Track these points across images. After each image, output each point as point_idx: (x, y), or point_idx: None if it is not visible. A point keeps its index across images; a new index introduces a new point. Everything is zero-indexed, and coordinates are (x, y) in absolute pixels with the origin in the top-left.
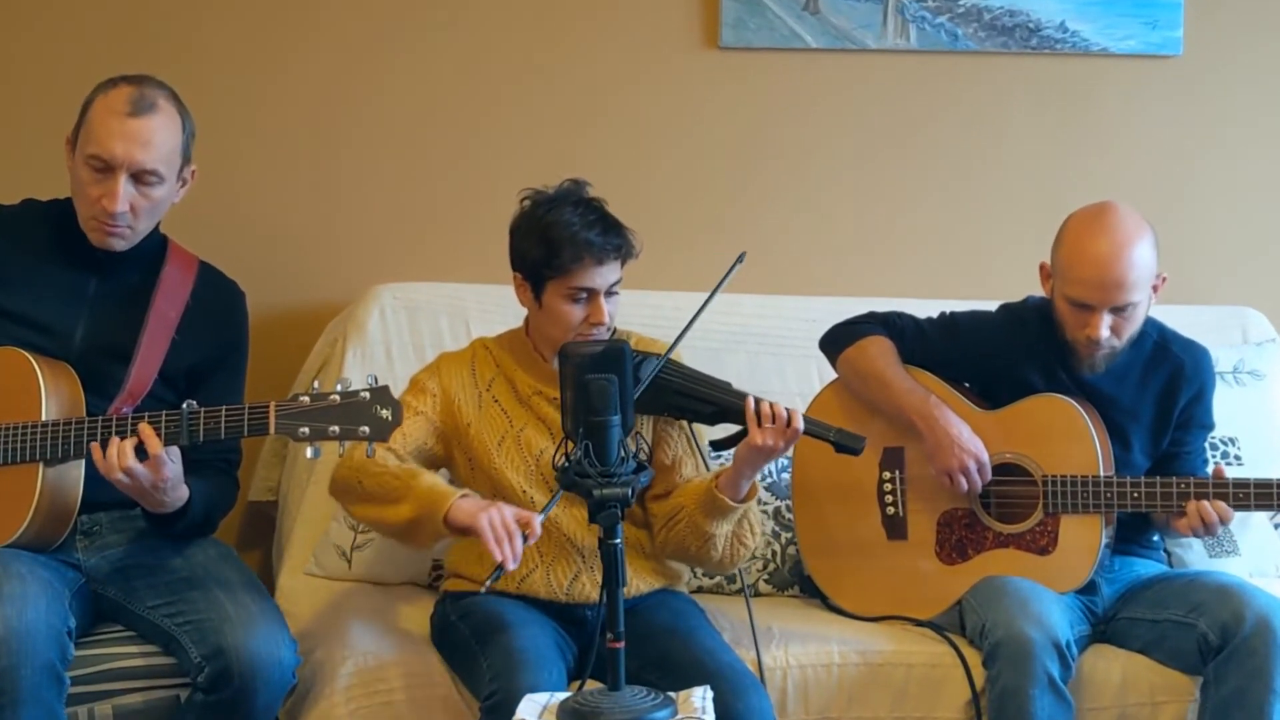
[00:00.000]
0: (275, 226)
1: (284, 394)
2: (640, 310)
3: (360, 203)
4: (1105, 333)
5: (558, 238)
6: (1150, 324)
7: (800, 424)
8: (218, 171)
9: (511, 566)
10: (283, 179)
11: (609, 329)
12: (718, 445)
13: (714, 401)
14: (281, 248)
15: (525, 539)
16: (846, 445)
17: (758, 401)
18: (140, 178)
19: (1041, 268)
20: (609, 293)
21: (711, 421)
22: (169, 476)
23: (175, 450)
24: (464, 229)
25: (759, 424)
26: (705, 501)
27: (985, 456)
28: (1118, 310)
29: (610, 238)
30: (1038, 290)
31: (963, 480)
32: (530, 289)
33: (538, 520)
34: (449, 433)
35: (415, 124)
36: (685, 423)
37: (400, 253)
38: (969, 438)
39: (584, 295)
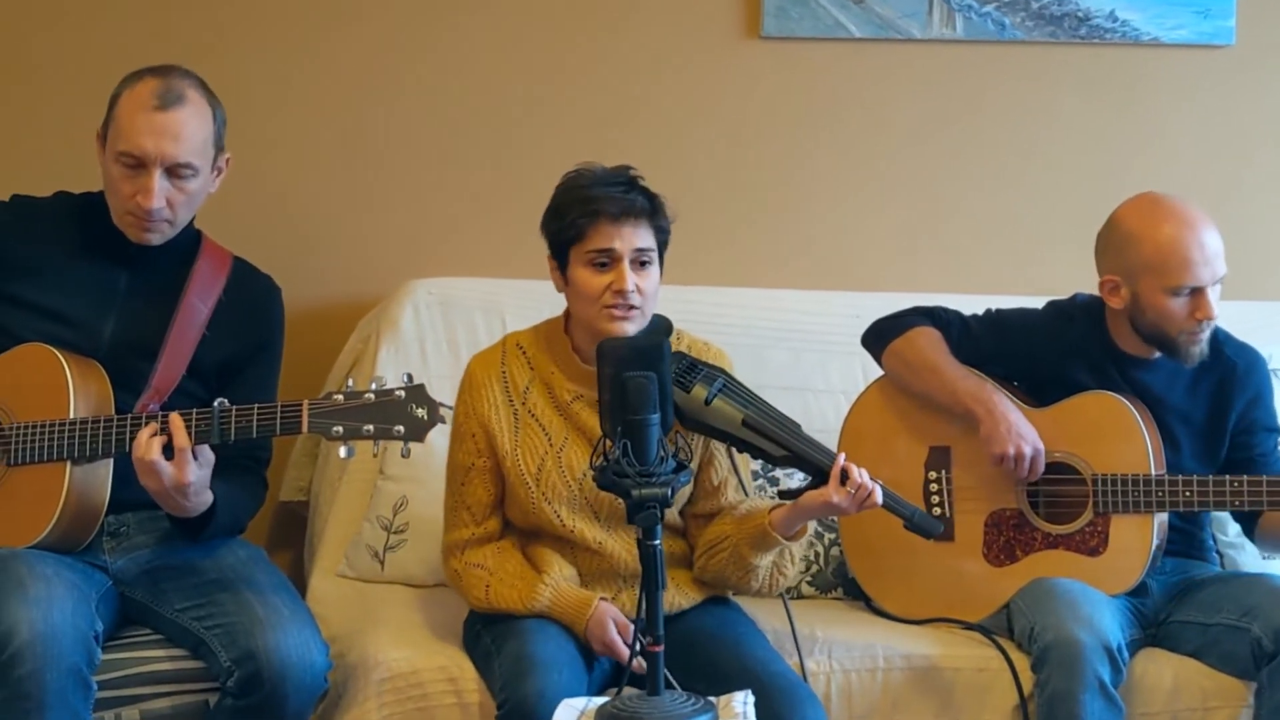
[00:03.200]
0: (307, 220)
1: (315, 391)
2: (677, 306)
3: (394, 195)
4: (1217, 308)
5: (571, 199)
6: None
7: (879, 499)
8: (249, 164)
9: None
10: (315, 171)
11: (640, 308)
12: (786, 495)
13: (796, 453)
14: (313, 242)
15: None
16: (922, 527)
17: (847, 467)
18: (174, 171)
19: (1105, 282)
20: (639, 262)
21: (778, 464)
22: (192, 480)
23: (207, 453)
24: (500, 222)
25: (839, 485)
26: (755, 536)
27: (1041, 445)
28: (1217, 282)
29: (627, 194)
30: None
31: (1022, 465)
32: (557, 267)
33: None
34: (497, 466)
35: (451, 115)
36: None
37: (435, 247)
38: (1027, 424)
39: (605, 261)
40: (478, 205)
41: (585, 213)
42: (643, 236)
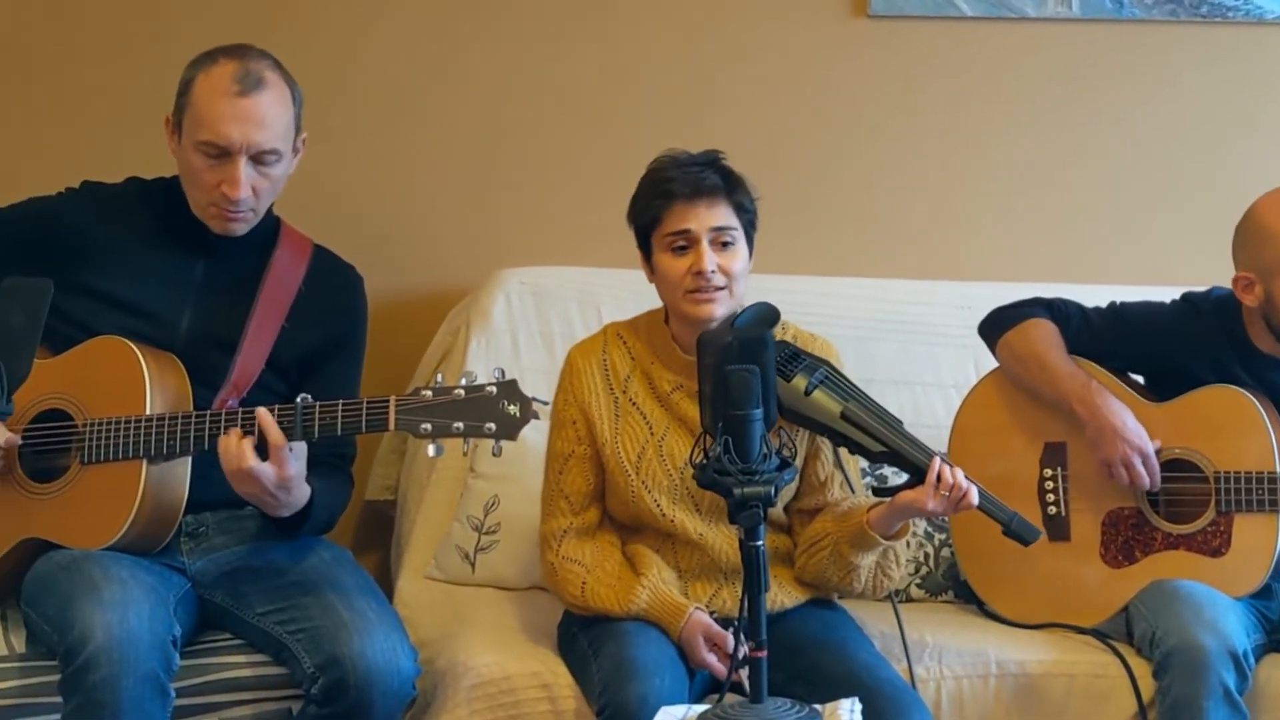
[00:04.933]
0: (391, 207)
1: (402, 386)
2: (780, 296)
3: (484, 181)
4: None
5: (645, 186)
6: None
7: (975, 500)
8: (331, 149)
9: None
10: (401, 155)
11: (726, 288)
12: (880, 493)
13: (893, 449)
14: (399, 229)
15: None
16: (1020, 534)
17: (940, 467)
18: (259, 159)
19: (1239, 279)
20: (720, 242)
21: (875, 461)
22: (292, 475)
23: (300, 444)
24: (595, 208)
25: (935, 488)
26: (854, 535)
27: (1150, 448)
28: None
29: (700, 173)
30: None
31: (1124, 473)
32: (645, 257)
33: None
34: (597, 455)
35: (542, 97)
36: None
37: (527, 234)
38: (1134, 427)
39: (683, 244)
40: (571, 191)
41: (659, 195)
42: (720, 215)
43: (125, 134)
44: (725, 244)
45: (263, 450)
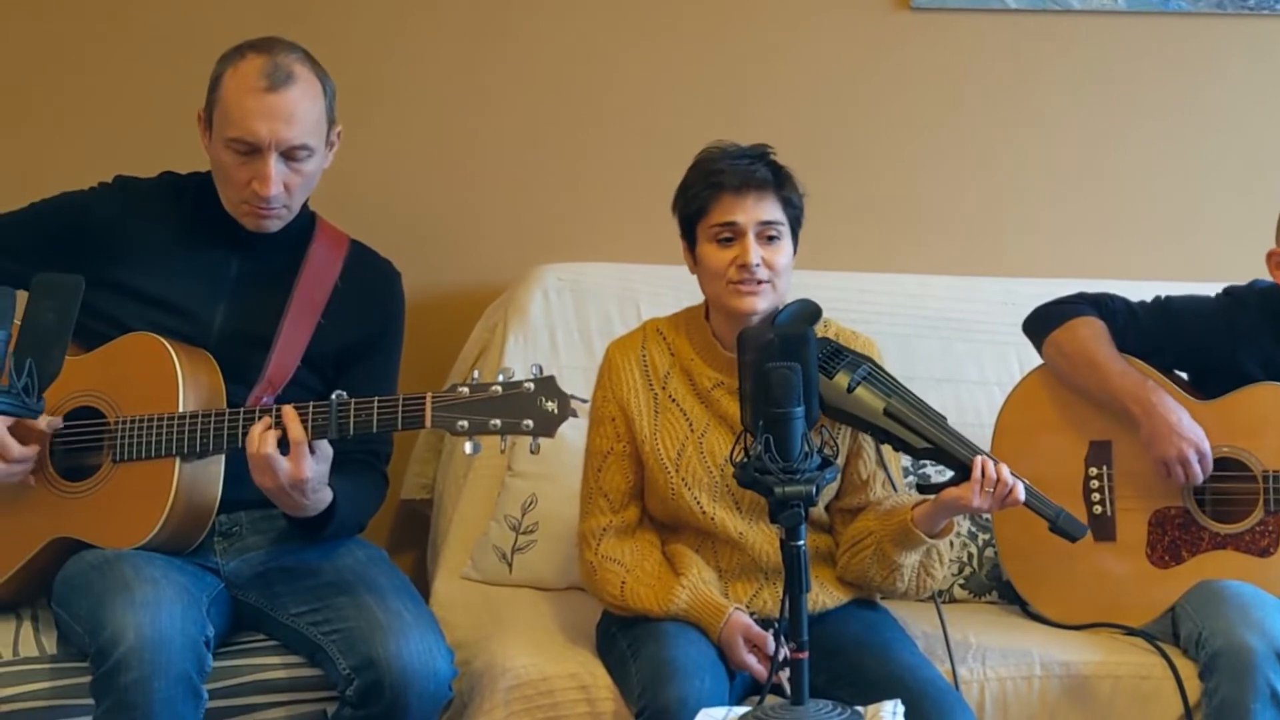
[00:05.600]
0: (428, 202)
1: (438, 383)
2: (821, 293)
3: (521, 175)
4: None
5: (695, 175)
6: None
7: (1021, 496)
8: (366, 144)
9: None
10: (437, 150)
11: (770, 282)
12: (925, 490)
13: (938, 445)
14: (435, 225)
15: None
16: (1066, 530)
17: (984, 463)
18: (290, 155)
19: (1272, 255)
20: (767, 236)
21: (919, 458)
22: (309, 476)
23: (325, 447)
24: (634, 203)
25: (981, 485)
26: (898, 532)
27: (1206, 445)
28: None
29: (750, 166)
30: (1253, 269)
31: (1181, 471)
32: (688, 248)
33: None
34: (636, 452)
35: (579, 89)
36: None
37: (565, 230)
38: (1189, 425)
39: (729, 236)
40: (609, 187)
41: (707, 185)
42: (768, 209)
43: (160, 129)
44: (771, 238)
45: (284, 446)
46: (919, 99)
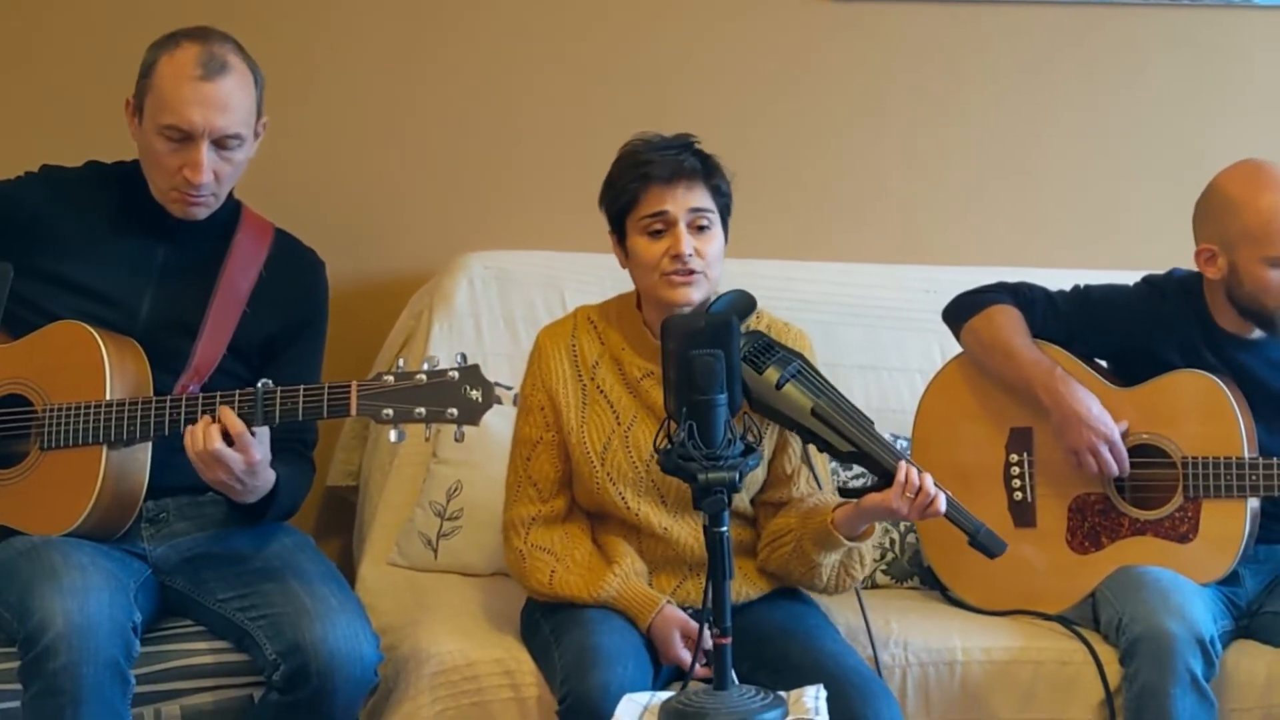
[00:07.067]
0: (354, 190)
1: (364, 371)
2: (746, 281)
3: (446, 164)
4: None
5: (622, 167)
6: None
7: (942, 507)
8: (292, 133)
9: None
10: (363, 139)
11: (702, 272)
12: (847, 494)
13: (862, 449)
14: (361, 213)
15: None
16: (986, 546)
17: (908, 471)
18: (221, 143)
19: (1201, 251)
20: (697, 225)
21: (844, 460)
22: (259, 459)
23: (263, 431)
24: (559, 192)
25: (901, 493)
26: (818, 533)
27: (1116, 434)
28: None
29: (678, 156)
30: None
31: (1092, 461)
32: (618, 241)
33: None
34: (564, 442)
35: (504, 79)
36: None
37: (490, 218)
38: (1099, 414)
39: (660, 227)
40: (534, 176)
41: (636, 177)
42: (697, 198)
43: (85, 117)
44: (702, 227)
45: (225, 439)
46: (842, 89)
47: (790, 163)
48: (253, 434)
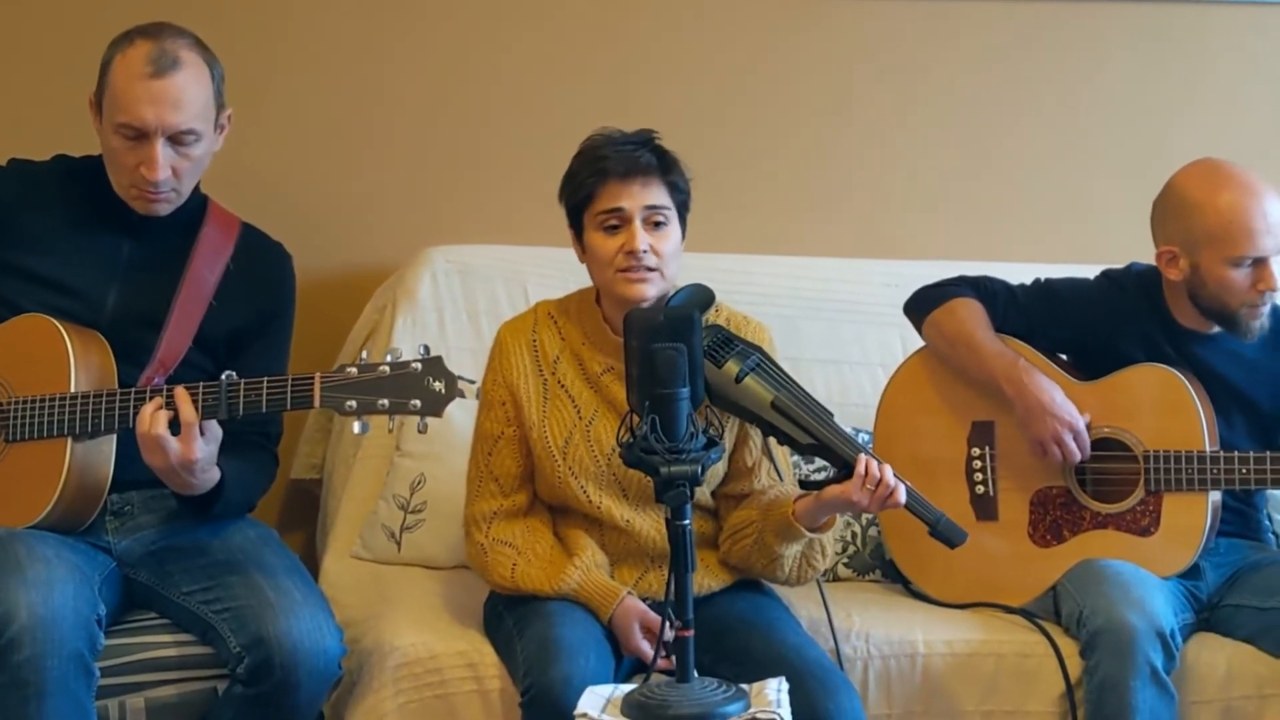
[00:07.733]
0: (320, 185)
1: (328, 363)
2: (706, 275)
3: (411, 159)
4: None
5: (579, 164)
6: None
7: (902, 498)
8: (258, 127)
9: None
10: (328, 133)
11: (658, 269)
12: (807, 486)
13: (822, 441)
14: (326, 207)
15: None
16: (946, 536)
17: (868, 463)
18: (177, 139)
19: (1163, 254)
20: (653, 222)
21: (804, 453)
22: (199, 457)
23: (215, 428)
24: (522, 187)
25: (861, 484)
26: (779, 525)
27: (1080, 423)
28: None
29: (635, 152)
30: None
31: (1057, 451)
32: (576, 236)
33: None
34: (525, 436)
35: (468, 75)
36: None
37: (453, 213)
38: (1062, 403)
39: (615, 223)
40: (498, 170)
41: (593, 173)
42: (654, 194)
43: (54, 112)
44: (658, 224)
45: (174, 426)
46: (804, 83)
47: (752, 156)
48: (202, 431)
